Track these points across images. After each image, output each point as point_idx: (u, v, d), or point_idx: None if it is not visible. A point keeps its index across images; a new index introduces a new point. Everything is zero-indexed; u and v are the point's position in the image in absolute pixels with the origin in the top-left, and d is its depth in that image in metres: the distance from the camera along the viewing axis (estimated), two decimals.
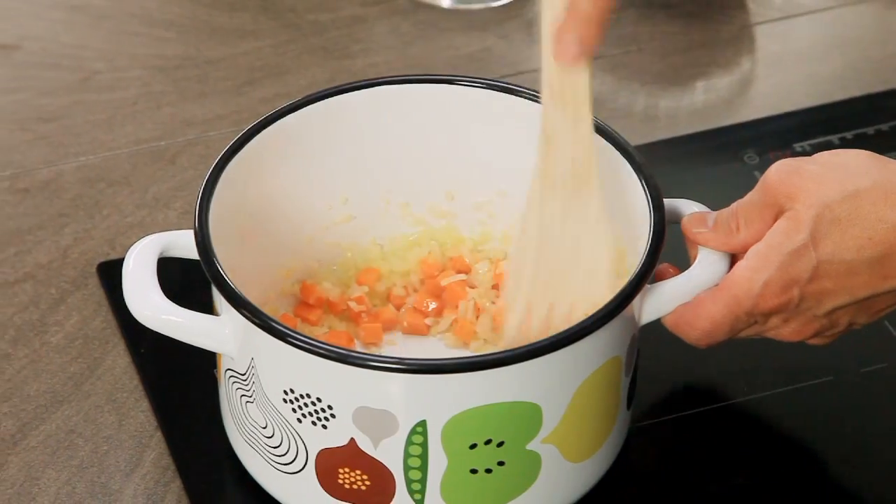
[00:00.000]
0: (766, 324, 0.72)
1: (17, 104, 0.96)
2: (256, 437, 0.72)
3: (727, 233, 0.72)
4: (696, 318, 0.72)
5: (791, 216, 0.70)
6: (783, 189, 0.71)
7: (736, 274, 0.71)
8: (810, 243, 0.70)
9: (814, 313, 0.72)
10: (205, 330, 0.71)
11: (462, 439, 0.69)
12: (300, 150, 0.78)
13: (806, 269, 0.70)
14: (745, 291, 0.70)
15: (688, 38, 1.01)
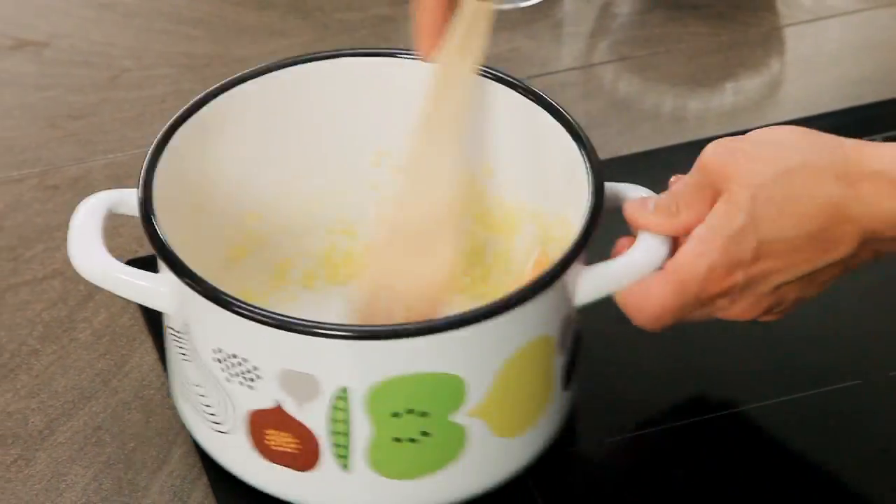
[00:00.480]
0: (713, 305, 0.72)
1: (46, 101, 0.96)
2: (193, 396, 0.74)
3: (667, 215, 0.72)
4: (644, 302, 0.71)
5: (728, 199, 0.70)
6: (718, 169, 0.71)
7: (680, 258, 0.71)
8: (750, 224, 0.70)
9: (761, 291, 0.72)
10: (144, 287, 0.72)
11: (384, 407, 0.70)
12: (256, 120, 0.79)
13: (748, 249, 0.70)
14: (690, 276, 0.70)
15: (717, 39, 1.01)
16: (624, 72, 0.99)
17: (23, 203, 0.90)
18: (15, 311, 0.84)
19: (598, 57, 1.00)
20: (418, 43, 0.76)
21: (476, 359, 0.70)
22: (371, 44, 1.00)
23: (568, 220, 0.75)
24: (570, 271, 0.70)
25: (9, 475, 0.77)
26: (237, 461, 0.74)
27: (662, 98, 0.97)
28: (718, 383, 0.80)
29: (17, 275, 0.86)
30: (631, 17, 1.03)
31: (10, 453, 0.78)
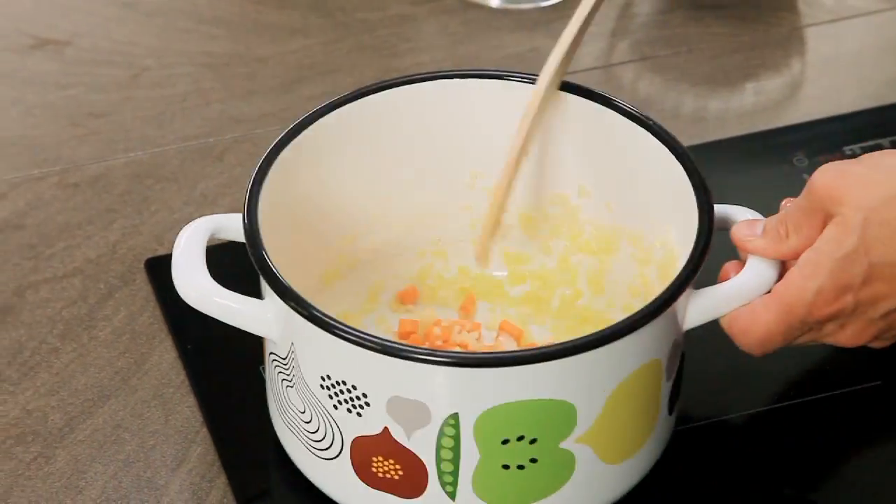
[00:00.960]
0: (821, 330, 0.72)
1: (67, 100, 0.96)
2: (296, 422, 0.73)
3: (776, 239, 0.72)
4: (750, 326, 0.71)
5: (839, 221, 0.70)
6: (829, 193, 0.70)
7: (788, 282, 0.71)
8: (861, 247, 0.69)
9: (870, 317, 0.71)
10: (248, 313, 0.72)
11: (494, 434, 0.69)
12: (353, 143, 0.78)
13: (858, 273, 0.70)
14: (797, 300, 0.70)
15: (737, 39, 1.01)
16: (644, 72, 0.99)
17: (43, 201, 0.90)
18: (35, 308, 0.84)
19: (618, 57, 1.00)
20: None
21: (587, 385, 0.69)
22: (391, 43, 1.00)
23: (670, 242, 0.75)
24: (682, 296, 0.70)
25: (29, 473, 0.77)
26: (340, 487, 0.73)
27: (683, 98, 0.97)
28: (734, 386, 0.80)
29: (38, 273, 0.86)
30: (651, 17, 1.03)
31: (31, 451, 0.78)
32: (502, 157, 0.80)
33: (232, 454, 0.77)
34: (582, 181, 0.80)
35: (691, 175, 0.74)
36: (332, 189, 0.79)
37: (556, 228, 0.81)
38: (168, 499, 0.76)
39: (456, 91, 0.79)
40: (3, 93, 0.96)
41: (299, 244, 0.77)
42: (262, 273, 0.70)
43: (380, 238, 0.81)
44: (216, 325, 0.75)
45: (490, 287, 0.82)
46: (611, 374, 0.70)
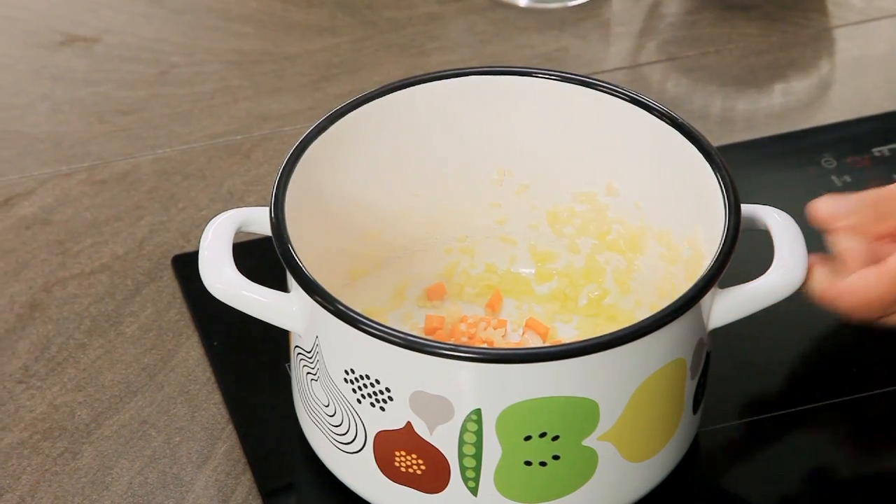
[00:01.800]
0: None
1: (96, 96, 0.96)
2: (320, 416, 0.73)
3: (876, 218, 0.71)
4: (856, 288, 0.71)
5: None
6: None
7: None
8: None
9: None
10: (274, 306, 0.72)
11: (517, 430, 0.69)
12: (380, 139, 0.78)
13: None
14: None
15: (766, 40, 1.00)
16: (672, 72, 0.99)
17: (71, 197, 0.91)
18: (63, 304, 0.85)
19: (646, 57, 1.00)
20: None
21: (611, 383, 0.69)
22: (419, 42, 1.00)
23: (697, 241, 0.75)
24: (707, 294, 0.70)
25: (55, 468, 0.77)
26: (363, 482, 0.73)
27: (711, 99, 0.97)
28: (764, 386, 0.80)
29: (65, 269, 0.87)
30: (680, 16, 1.03)
31: (57, 446, 0.78)
32: (530, 155, 0.80)
33: (257, 450, 0.78)
34: (610, 180, 0.80)
35: (719, 174, 0.74)
36: (360, 185, 0.79)
37: (584, 227, 0.81)
38: (193, 495, 0.76)
39: (484, 88, 0.79)
40: (32, 89, 0.97)
41: (326, 240, 0.77)
42: (287, 266, 0.71)
43: (407, 234, 0.81)
44: (242, 321, 0.75)
45: (517, 284, 0.82)
46: (635, 372, 0.70)
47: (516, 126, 0.80)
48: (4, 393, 0.80)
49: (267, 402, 0.79)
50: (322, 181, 0.77)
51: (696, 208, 0.75)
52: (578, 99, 0.78)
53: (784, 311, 0.75)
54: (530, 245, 0.82)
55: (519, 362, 0.68)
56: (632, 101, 0.77)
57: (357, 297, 0.79)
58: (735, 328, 0.73)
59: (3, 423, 0.79)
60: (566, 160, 0.80)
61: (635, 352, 0.69)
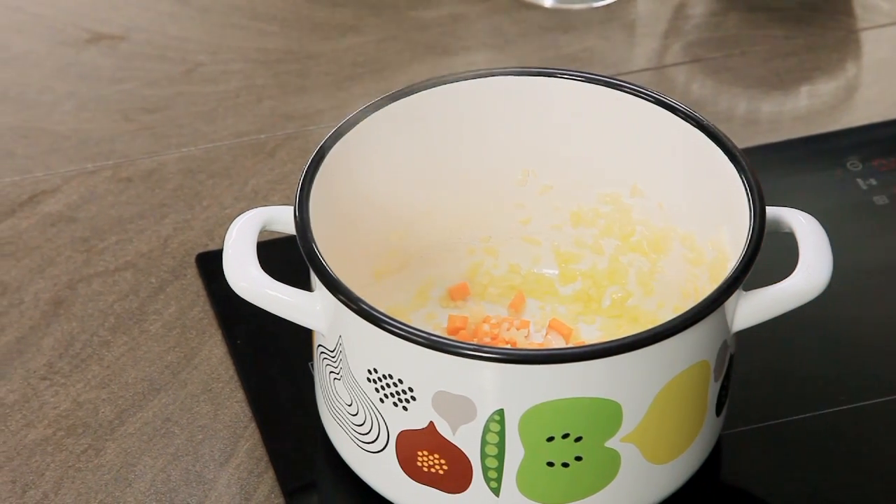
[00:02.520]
0: None
1: (121, 94, 0.97)
2: (343, 415, 0.73)
3: None
4: None
5: None
6: None
7: None
8: None
9: None
10: (297, 305, 0.72)
11: (539, 431, 0.69)
12: (405, 138, 0.78)
13: None
14: None
15: (792, 42, 1.00)
16: (697, 73, 0.99)
17: (96, 195, 0.91)
18: (87, 301, 0.85)
19: (671, 58, 1.00)
20: None
21: (635, 384, 0.69)
22: (444, 42, 1.00)
23: (721, 244, 0.75)
24: (732, 297, 0.70)
25: (79, 464, 0.77)
26: (385, 481, 0.73)
27: (736, 101, 0.97)
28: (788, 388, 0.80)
29: (90, 266, 0.87)
30: (705, 18, 1.03)
31: (81, 443, 0.78)
32: (554, 156, 0.80)
33: (280, 449, 0.78)
34: (634, 181, 0.80)
35: (744, 176, 0.74)
36: (384, 185, 0.79)
37: (608, 228, 0.81)
38: (216, 493, 0.76)
39: (509, 89, 0.79)
40: (58, 86, 0.97)
41: (350, 239, 0.77)
42: (311, 265, 0.71)
43: (430, 234, 0.81)
44: (266, 320, 0.75)
45: (540, 285, 0.82)
46: (658, 374, 0.70)
47: (541, 127, 0.80)
48: (29, 389, 0.80)
49: (289, 400, 0.79)
50: (346, 181, 0.77)
51: (720, 210, 0.75)
52: (603, 100, 0.78)
53: (808, 314, 0.74)
54: (554, 246, 0.82)
55: (542, 363, 0.68)
56: (657, 103, 0.77)
57: (380, 296, 0.79)
58: (759, 331, 0.73)
59: (27, 419, 0.79)
60: (590, 161, 0.80)
61: (659, 353, 0.69)
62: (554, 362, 0.68)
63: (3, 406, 0.80)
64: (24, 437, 0.78)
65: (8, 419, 0.79)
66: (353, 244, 0.78)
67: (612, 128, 0.79)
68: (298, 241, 0.71)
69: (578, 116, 0.79)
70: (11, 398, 0.80)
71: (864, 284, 0.84)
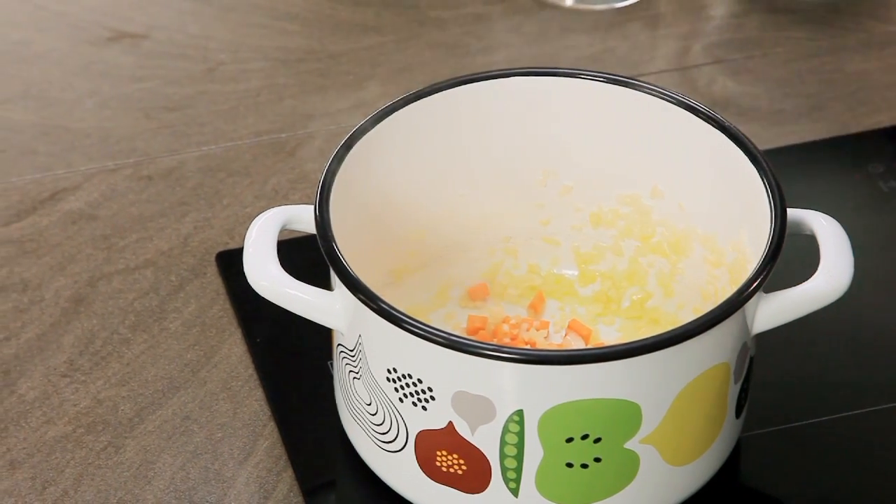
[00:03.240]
0: None
1: (142, 92, 0.97)
2: (362, 414, 0.73)
3: None
4: None
5: None
6: None
7: None
8: None
9: None
10: (317, 304, 0.72)
11: (558, 432, 0.69)
12: (425, 138, 0.78)
13: None
14: None
15: (814, 44, 1.00)
16: (718, 75, 0.98)
17: (117, 193, 0.91)
18: (107, 299, 0.85)
19: (692, 59, 1.00)
20: None
21: (654, 386, 0.69)
22: (464, 42, 1.00)
23: (742, 245, 0.75)
24: (752, 299, 0.70)
25: (99, 461, 0.78)
26: (404, 481, 0.74)
27: (757, 102, 0.97)
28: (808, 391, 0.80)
29: (110, 264, 0.87)
30: (727, 19, 1.02)
31: (101, 440, 0.78)
32: (574, 156, 0.80)
33: (299, 448, 0.78)
34: (655, 182, 0.80)
35: (766, 178, 0.73)
36: (404, 185, 0.79)
37: (628, 229, 0.81)
38: (235, 491, 0.76)
39: (529, 89, 0.79)
40: (80, 84, 0.97)
41: (370, 239, 0.77)
42: (331, 264, 0.71)
43: (450, 234, 0.81)
44: (285, 319, 0.75)
45: (560, 286, 0.82)
46: (678, 376, 0.70)
47: (561, 127, 0.80)
48: (49, 386, 0.81)
49: (309, 399, 0.80)
50: (366, 180, 0.77)
51: (741, 212, 0.75)
52: (624, 100, 0.78)
53: (829, 317, 0.74)
54: (573, 246, 0.82)
55: (562, 364, 0.68)
56: (678, 104, 0.77)
57: (400, 296, 0.79)
58: (780, 333, 0.73)
59: (47, 416, 0.79)
60: (611, 162, 0.80)
61: (679, 355, 0.69)
62: (573, 363, 0.68)
63: (23, 403, 0.80)
64: (44, 434, 0.79)
65: (28, 416, 0.79)
66: (373, 244, 0.78)
67: (632, 129, 0.79)
68: (319, 240, 0.71)
69: (599, 117, 0.79)
70: (32, 395, 0.80)
71: (885, 287, 0.84)
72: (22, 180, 0.92)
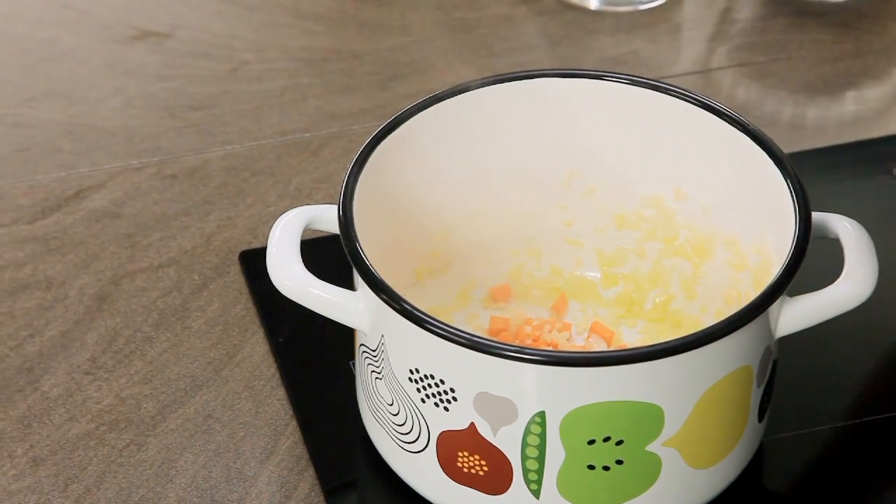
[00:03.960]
0: None
1: (167, 91, 0.97)
2: (384, 414, 0.73)
3: None
4: None
5: None
6: None
7: None
8: None
9: None
10: (340, 304, 0.72)
11: (580, 434, 0.69)
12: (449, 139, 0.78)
13: None
14: None
15: (839, 47, 1.00)
16: (743, 78, 0.98)
17: (141, 191, 0.91)
18: (130, 297, 0.85)
19: (716, 62, 1.00)
20: None
21: (677, 389, 0.69)
22: (489, 43, 1.00)
23: (765, 248, 0.75)
24: (776, 302, 0.69)
25: (121, 459, 0.78)
26: (425, 481, 0.74)
27: (781, 105, 0.96)
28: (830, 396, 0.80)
29: (134, 262, 0.87)
30: (752, 22, 1.02)
31: (123, 438, 0.79)
32: (598, 158, 0.80)
33: (320, 447, 0.78)
34: (678, 184, 0.80)
35: (790, 181, 0.73)
36: (427, 185, 0.79)
37: (651, 231, 0.81)
38: (256, 490, 0.77)
39: (554, 90, 0.79)
40: (105, 83, 0.98)
41: (393, 239, 0.78)
42: (354, 264, 0.71)
43: (473, 235, 0.81)
44: (308, 318, 0.75)
45: (582, 288, 0.82)
46: (700, 379, 0.70)
47: (585, 129, 0.80)
48: (72, 384, 0.81)
49: (330, 399, 0.80)
50: (390, 181, 0.77)
51: (765, 215, 0.75)
52: (648, 103, 0.78)
53: (853, 320, 0.74)
54: (596, 248, 0.82)
55: (584, 366, 0.68)
56: (702, 106, 0.77)
57: (423, 296, 0.79)
58: (803, 336, 0.73)
59: (70, 413, 0.80)
60: (634, 164, 0.80)
61: (702, 358, 0.69)
62: (596, 365, 0.68)
63: (46, 400, 0.80)
64: (67, 432, 0.79)
65: (52, 413, 0.80)
66: (397, 244, 0.78)
67: (656, 131, 0.79)
68: (342, 240, 0.72)
69: (623, 119, 0.79)
70: (55, 392, 0.81)
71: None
72: (47, 178, 0.92)
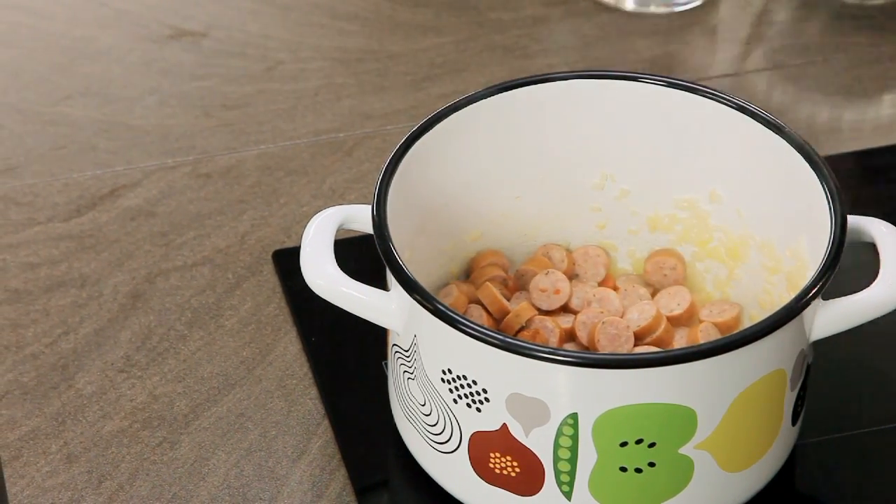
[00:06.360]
0: None
1: (202, 90, 0.97)
2: (416, 414, 0.73)
3: None
4: None
5: None
6: None
7: None
8: None
9: None
10: (373, 304, 0.72)
11: (613, 436, 0.69)
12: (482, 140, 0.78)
13: None
14: None
15: (876, 50, 0.99)
16: (778, 80, 0.98)
17: (175, 190, 0.92)
18: (165, 296, 0.85)
19: (752, 64, 0.99)
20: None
21: (710, 391, 0.69)
22: (523, 44, 1.00)
23: (800, 251, 0.75)
24: (810, 306, 0.69)
25: (154, 457, 0.78)
26: (457, 482, 0.74)
27: (817, 108, 0.96)
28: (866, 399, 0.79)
29: (168, 260, 0.88)
30: (787, 24, 1.02)
31: (156, 435, 0.79)
32: (632, 160, 0.80)
33: (352, 447, 0.78)
34: (713, 187, 0.79)
35: (826, 184, 0.73)
36: (461, 186, 0.79)
37: (685, 233, 0.80)
38: (288, 489, 0.77)
39: (588, 92, 0.79)
40: (140, 82, 0.98)
41: (426, 239, 0.77)
42: (388, 264, 0.71)
43: (506, 236, 0.81)
44: (341, 318, 0.75)
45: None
46: (734, 382, 0.69)
47: (619, 130, 0.79)
48: (106, 381, 0.81)
49: (363, 399, 0.80)
50: (423, 181, 0.77)
51: (799, 218, 0.75)
52: (683, 105, 0.78)
53: (888, 324, 0.74)
54: (630, 251, 0.82)
55: (617, 367, 0.68)
56: (737, 108, 0.77)
57: None
58: (838, 340, 0.73)
59: (104, 411, 0.80)
60: (669, 166, 0.80)
61: (735, 361, 0.68)
62: (629, 367, 0.68)
63: (80, 397, 0.80)
64: (100, 429, 0.79)
65: (86, 410, 0.80)
66: (430, 244, 0.78)
67: (691, 133, 0.79)
68: (375, 240, 0.72)
69: (658, 121, 0.79)
70: (89, 389, 0.81)
71: None
72: (82, 176, 0.92)
